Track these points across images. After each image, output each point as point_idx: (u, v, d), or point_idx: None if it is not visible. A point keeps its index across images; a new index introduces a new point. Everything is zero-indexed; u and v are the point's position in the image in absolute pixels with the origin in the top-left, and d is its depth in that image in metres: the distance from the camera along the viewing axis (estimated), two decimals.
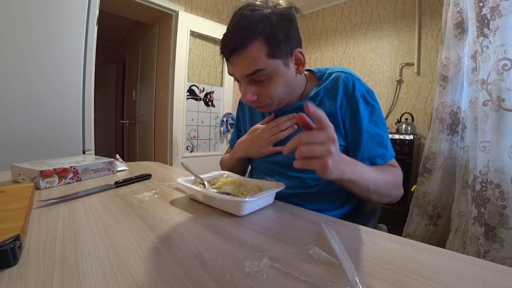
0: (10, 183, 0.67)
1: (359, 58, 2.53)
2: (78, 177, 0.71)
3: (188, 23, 2.43)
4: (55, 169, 0.64)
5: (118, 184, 0.66)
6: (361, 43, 2.51)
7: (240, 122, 0.88)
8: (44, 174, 0.62)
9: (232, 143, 0.88)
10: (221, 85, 2.81)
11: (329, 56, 2.79)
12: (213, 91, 2.73)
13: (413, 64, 2.16)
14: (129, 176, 0.75)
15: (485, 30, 1.22)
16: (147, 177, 0.76)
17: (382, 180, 0.56)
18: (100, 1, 1.49)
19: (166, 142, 2.51)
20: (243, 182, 0.62)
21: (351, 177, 0.48)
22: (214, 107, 2.76)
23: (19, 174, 0.66)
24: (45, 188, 0.63)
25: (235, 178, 0.64)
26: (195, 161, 2.63)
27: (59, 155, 1.11)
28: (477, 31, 1.26)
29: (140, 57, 3.19)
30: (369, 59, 2.46)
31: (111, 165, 0.82)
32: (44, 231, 0.39)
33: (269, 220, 0.47)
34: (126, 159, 3.59)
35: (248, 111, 0.82)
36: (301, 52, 0.59)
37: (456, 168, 1.55)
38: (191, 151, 2.63)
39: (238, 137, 0.84)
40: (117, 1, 2.31)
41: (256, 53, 0.53)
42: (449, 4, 1.54)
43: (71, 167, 0.69)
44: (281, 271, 0.30)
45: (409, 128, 2.02)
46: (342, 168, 0.45)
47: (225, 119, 2.79)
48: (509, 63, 1.13)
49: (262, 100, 0.60)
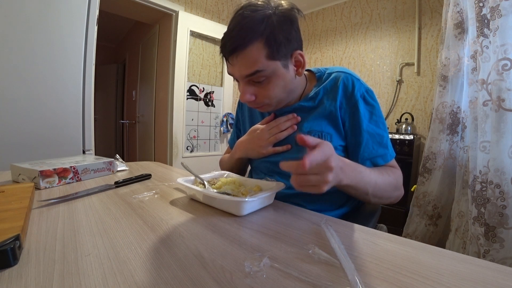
0: (10, 183, 0.67)
1: (359, 58, 2.53)
2: (78, 177, 0.71)
3: (188, 23, 2.43)
4: (55, 169, 0.65)
5: (118, 184, 0.66)
6: (361, 43, 2.51)
7: (239, 122, 0.88)
8: (44, 174, 0.62)
9: (232, 143, 0.88)
10: (221, 85, 2.81)
11: (329, 56, 2.79)
12: (213, 91, 2.73)
13: (413, 64, 2.16)
14: (129, 176, 0.75)
15: (485, 30, 1.22)
16: (147, 177, 0.76)
17: (382, 182, 0.56)
18: (100, 1, 1.49)
19: (166, 142, 2.51)
20: (243, 182, 0.62)
21: (349, 183, 0.48)
22: (214, 107, 2.76)
23: (19, 174, 0.66)
24: (45, 188, 0.63)
25: (235, 178, 0.64)
26: (195, 161, 2.63)
27: (59, 155, 1.11)
28: (477, 31, 1.26)
29: (140, 57, 3.19)
30: (369, 59, 2.46)
31: (111, 165, 0.82)
32: (44, 231, 0.39)
33: (269, 220, 0.47)
34: (126, 159, 3.59)
35: (247, 111, 0.82)
36: (301, 54, 0.58)
37: (456, 168, 1.55)
38: (191, 151, 2.63)
39: (238, 137, 0.83)
40: (117, 1, 2.31)
41: (256, 54, 0.53)
42: (449, 4, 1.54)
43: (71, 167, 0.69)
44: (281, 271, 0.30)
45: (409, 128, 2.02)
46: (341, 177, 0.45)
47: (225, 119, 2.79)
48: (509, 63, 1.13)
49: (260, 100, 0.60)
